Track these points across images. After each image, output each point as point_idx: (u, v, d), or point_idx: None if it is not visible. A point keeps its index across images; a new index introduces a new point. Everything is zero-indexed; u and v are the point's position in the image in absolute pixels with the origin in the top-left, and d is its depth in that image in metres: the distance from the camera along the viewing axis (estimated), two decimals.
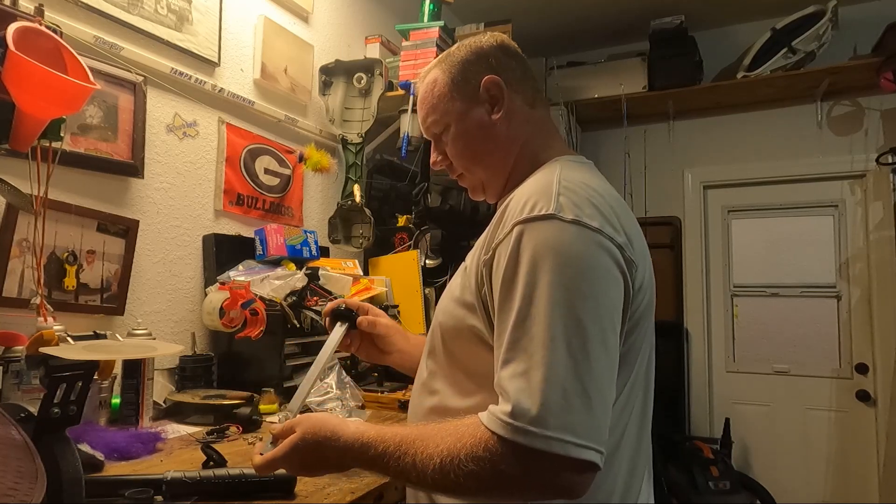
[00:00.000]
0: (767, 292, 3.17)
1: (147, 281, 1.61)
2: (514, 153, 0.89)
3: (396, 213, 2.36)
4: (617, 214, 0.73)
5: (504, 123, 0.88)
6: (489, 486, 0.64)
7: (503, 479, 0.63)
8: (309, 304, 1.70)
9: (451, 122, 0.90)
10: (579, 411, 0.62)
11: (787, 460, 3.01)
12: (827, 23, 2.67)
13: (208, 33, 1.79)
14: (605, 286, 0.68)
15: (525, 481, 0.63)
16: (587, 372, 0.63)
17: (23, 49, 1.04)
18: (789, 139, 3.10)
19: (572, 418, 0.61)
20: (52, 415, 0.73)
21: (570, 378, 0.62)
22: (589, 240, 0.68)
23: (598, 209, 0.71)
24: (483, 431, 0.64)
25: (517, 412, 0.62)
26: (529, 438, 0.61)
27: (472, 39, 0.93)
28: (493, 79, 0.87)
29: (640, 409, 0.79)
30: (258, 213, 1.98)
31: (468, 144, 0.90)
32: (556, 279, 0.65)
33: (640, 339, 0.77)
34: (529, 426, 0.61)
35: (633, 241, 0.74)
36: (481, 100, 0.88)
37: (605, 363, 0.65)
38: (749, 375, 3.16)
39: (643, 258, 0.76)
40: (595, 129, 3.48)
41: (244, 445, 1.23)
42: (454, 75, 0.90)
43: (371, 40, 2.48)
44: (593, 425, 0.62)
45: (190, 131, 1.76)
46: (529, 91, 0.91)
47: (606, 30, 3.32)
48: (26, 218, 1.28)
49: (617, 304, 0.69)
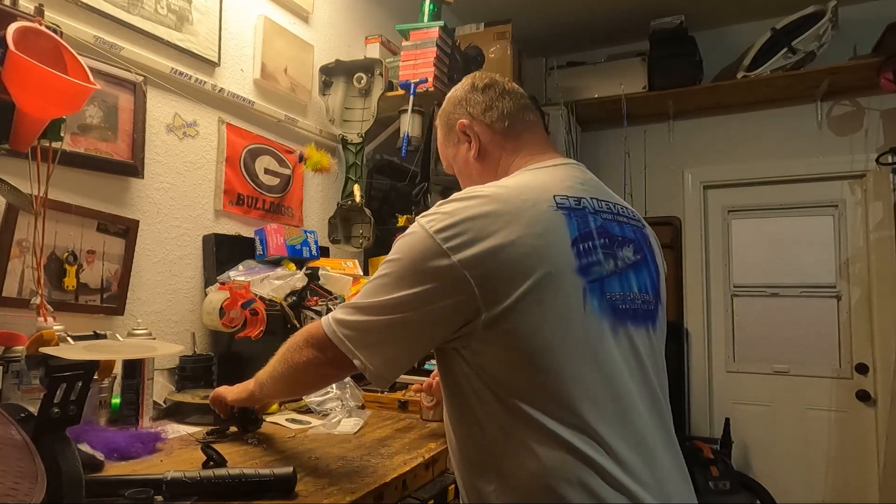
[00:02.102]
0: (767, 292, 3.17)
1: (147, 281, 1.61)
2: (492, 174, 1.02)
3: (396, 213, 2.36)
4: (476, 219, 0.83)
5: (481, 156, 1.05)
6: (309, 363, 0.94)
7: (311, 358, 0.94)
8: (309, 304, 1.70)
9: (452, 164, 1.13)
10: (354, 322, 0.87)
11: (787, 460, 3.01)
12: (827, 23, 2.68)
13: (208, 33, 1.79)
14: (417, 275, 0.81)
15: (319, 357, 0.92)
16: (369, 309, 0.86)
17: (23, 49, 1.04)
18: (789, 139, 3.10)
19: (349, 319, 0.87)
20: (52, 415, 0.73)
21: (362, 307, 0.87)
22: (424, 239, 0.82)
23: (451, 215, 0.82)
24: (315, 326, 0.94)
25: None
26: (325, 324, 0.90)
27: (453, 90, 1.12)
28: (462, 123, 1.06)
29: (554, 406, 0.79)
30: (258, 213, 1.98)
31: (463, 174, 1.10)
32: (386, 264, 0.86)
33: (533, 320, 0.78)
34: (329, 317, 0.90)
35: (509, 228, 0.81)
36: (462, 141, 1.07)
37: (393, 320, 0.83)
38: (749, 375, 3.16)
39: (526, 238, 0.79)
40: (595, 129, 3.49)
41: (244, 445, 1.23)
42: (444, 127, 1.12)
43: (371, 40, 2.48)
44: (358, 336, 0.86)
45: (190, 131, 1.76)
46: (496, 116, 1.04)
47: (606, 30, 3.32)
48: (26, 218, 1.28)
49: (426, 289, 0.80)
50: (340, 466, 1.10)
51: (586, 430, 0.76)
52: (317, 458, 1.15)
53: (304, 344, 0.94)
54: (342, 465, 1.10)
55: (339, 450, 1.21)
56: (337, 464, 1.11)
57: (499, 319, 0.77)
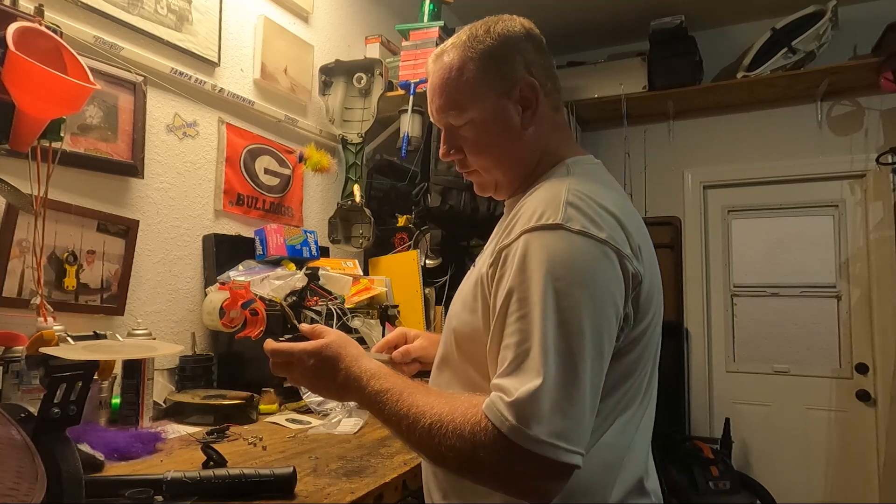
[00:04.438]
0: (767, 292, 3.16)
1: (147, 281, 1.61)
2: (535, 158, 0.86)
3: (396, 213, 2.36)
4: (625, 224, 0.73)
5: (532, 128, 0.84)
6: (463, 466, 0.66)
7: (478, 466, 0.65)
8: (309, 304, 1.70)
9: (477, 118, 0.83)
10: (571, 418, 0.63)
11: (787, 460, 3.01)
12: (827, 23, 2.67)
13: (208, 33, 1.79)
14: (607, 297, 0.68)
15: (501, 475, 0.65)
16: (581, 381, 0.64)
17: (23, 49, 1.04)
18: (789, 139, 3.10)
19: (565, 424, 0.63)
20: (52, 415, 0.73)
21: (567, 386, 0.64)
22: (594, 250, 0.68)
23: (606, 220, 0.71)
24: (478, 414, 0.65)
25: (517, 411, 0.63)
26: (523, 438, 0.62)
27: (502, 26, 0.86)
28: (531, 82, 0.83)
29: (632, 415, 0.78)
30: (258, 213, 1.98)
31: (492, 144, 0.85)
32: (560, 288, 0.66)
33: (648, 348, 0.77)
34: (525, 427, 0.62)
35: (642, 251, 0.74)
36: (513, 99, 0.83)
37: (598, 371, 0.67)
38: (749, 375, 3.16)
39: (651, 267, 0.76)
40: (595, 129, 3.48)
41: (244, 445, 1.23)
42: (486, 66, 0.83)
43: (371, 40, 2.48)
44: (581, 430, 0.64)
45: (190, 131, 1.76)
46: (555, 93, 0.88)
47: (606, 30, 3.32)
48: (26, 218, 1.28)
49: (618, 313, 0.69)
50: (340, 466, 1.10)
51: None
52: (317, 458, 1.15)
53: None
54: (342, 465, 1.10)
55: (339, 450, 1.21)
56: (337, 464, 1.11)
57: None
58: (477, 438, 0.64)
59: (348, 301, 1.84)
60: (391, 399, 0.73)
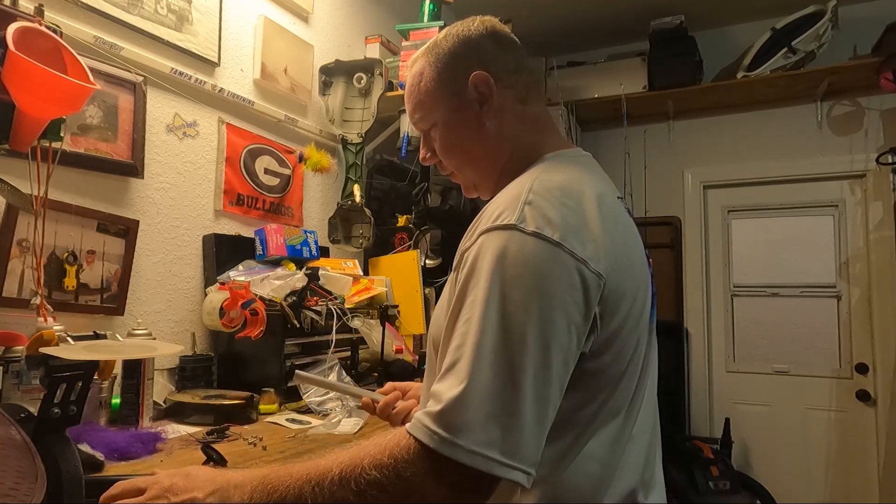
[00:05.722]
0: (767, 292, 3.17)
1: (147, 281, 1.61)
2: (504, 153, 0.84)
3: (396, 213, 2.36)
4: (592, 220, 0.68)
5: (493, 122, 0.83)
6: (393, 495, 0.60)
7: (410, 490, 0.60)
8: (309, 304, 1.70)
9: (438, 120, 0.86)
10: (509, 429, 0.59)
11: (787, 460, 3.01)
12: (827, 23, 2.67)
13: (208, 33, 1.79)
14: (556, 303, 0.63)
15: (433, 492, 0.59)
16: (521, 391, 0.60)
17: (23, 49, 1.04)
18: (789, 139, 3.10)
19: (502, 435, 0.58)
20: (52, 415, 0.73)
21: (503, 394, 0.59)
22: (546, 253, 0.64)
23: (566, 218, 0.66)
24: (395, 437, 0.61)
25: (444, 422, 0.59)
26: (448, 448, 0.58)
27: (460, 27, 0.86)
28: (480, 75, 0.82)
29: (621, 426, 0.73)
30: (258, 213, 1.98)
31: (455, 144, 0.86)
32: (507, 292, 0.62)
33: (624, 351, 0.71)
34: (453, 436, 0.58)
35: (616, 247, 0.70)
36: (469, 97, 0.83)
37: (543, 381, 0.61)
38: (749, 375, 3.16)
39: (626, 262, 0.71)
40: (595, 129, 3.49)
41: (244, 445, 1.23)
42: (440, 69, 0.85)
43: (371, 40, 2.48)
44: (523, 443, 0.59)
45: (190, 131, 1.76)
46: (521, 85, 0.85)
47: (606, 30, 3.32)
48: (26, 218, 1.28)
49: (570, 320, 0.64)
50: None
51: None
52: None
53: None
54: None
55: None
56: None
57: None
58: (399, 460, 0.59)
59: (348, 301, 1.84)
60: (280, 474, 0.64)
